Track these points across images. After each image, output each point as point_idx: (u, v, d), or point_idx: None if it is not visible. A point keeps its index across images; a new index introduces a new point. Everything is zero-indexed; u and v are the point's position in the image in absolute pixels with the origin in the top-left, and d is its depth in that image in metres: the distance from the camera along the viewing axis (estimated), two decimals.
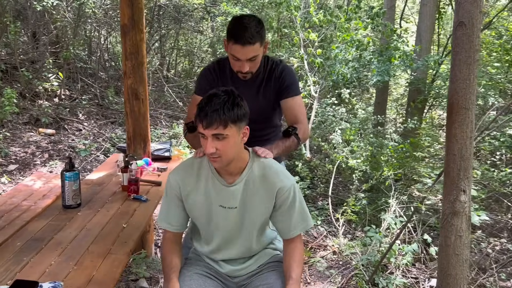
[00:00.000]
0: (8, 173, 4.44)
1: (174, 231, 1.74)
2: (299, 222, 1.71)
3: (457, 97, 2.25)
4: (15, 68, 6.14)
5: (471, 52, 2.20)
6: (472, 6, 2.17)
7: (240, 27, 1.83)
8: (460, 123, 2.26)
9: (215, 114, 1.44)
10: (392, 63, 4.98)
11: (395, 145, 4.68)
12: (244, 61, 1.87)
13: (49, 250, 1.83)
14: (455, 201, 2.30)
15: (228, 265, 1.79)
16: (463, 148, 2.28)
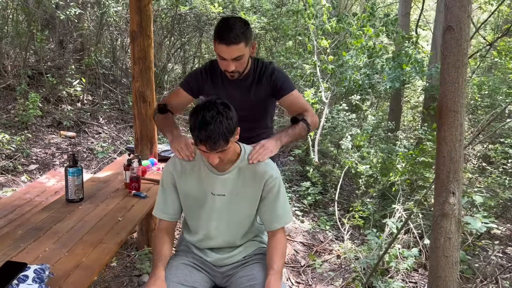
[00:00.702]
0: (28, 172, 4.68)
1: (168, 220, 1.85)
2: (282, 215, 1.81)
3: (446, 100, 2.28)
4: (41, 74, 6.46)
5: (460, 55, 2.23)
6: (460, 11, 2.21)
7: (225, 27, 1.89)
8: (449, 126, 2.28)
9: (217, 137, 1.51)
10: (403, 70, 4.97)
11: (405, 151, 4.67)
12: (230, 61, 1.94)
13: (46, 238, 1.96)
14: (445, 203, 2.32)
15: (214, 254, 1.87)
16: (452, 150, 2.30)
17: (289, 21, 6.63)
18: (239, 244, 1.89)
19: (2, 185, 4.36)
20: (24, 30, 6.41)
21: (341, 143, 5.00)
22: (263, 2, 8.82)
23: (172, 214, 1.85)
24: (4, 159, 4.73)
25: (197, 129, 1.52)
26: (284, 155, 6.55)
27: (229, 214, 1.80)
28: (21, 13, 6.63)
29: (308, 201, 5.27)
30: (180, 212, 1.89)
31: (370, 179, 4.89)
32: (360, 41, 4.99)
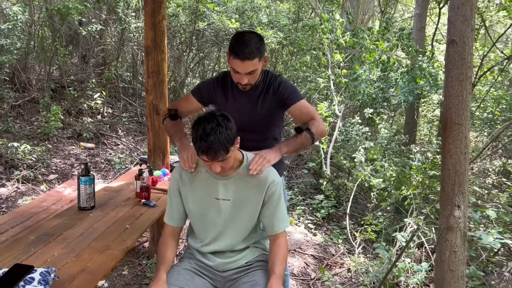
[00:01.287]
0: (48, 182, 4.83)
1: (173, 225, 1.95)
2: (283, 219, 1.89)
3: (450, 113, 2.29)
4: (63, 87, 6.69)
5: (463, 69, 2.24)
6: (463, 25, 2.23)
7: (241, 43, 1.94)
8: (453, 139, 2.29)
9: (217, 147, 1.59)
10: (417, 84, 4.96)
11: (419, 165, 4.63)
12: (243, 74, 2.01)
13: (55, 244, 2.04)
14: (450, 216, 2.31)
15: (217, 258, 1.93)
16: (457, 163, 2.30)
17: (304, 35, 6.71)
18: (241, 247, 1.94)
19: (22, 194, 4.52)
20: (49, 45, 6.68)
21: (354, 156, 4.99)
22: (280, 17, 8.95)
23: (176, 220, 1.94)
24: (26, 168, 4.90)
25: (198, 140, 1.60)
26: (298, 168, 6.56)
27: (233, 219, 1.87)
28: (46, 30, 6.91)
29: (321, 214, 5.26)
30: (185, 218, 1.97)
31: (383, 193, 4.86)
32: (373, 55, 5.01)
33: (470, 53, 2.25)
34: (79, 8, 5.86)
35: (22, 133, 5.63)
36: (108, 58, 7.67)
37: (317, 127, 2.04)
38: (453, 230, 2.30)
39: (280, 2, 9.46)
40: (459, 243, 2.31)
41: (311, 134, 2.01)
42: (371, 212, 4.67)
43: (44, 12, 6.44)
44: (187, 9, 7.86)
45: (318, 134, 2.05)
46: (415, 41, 6.01)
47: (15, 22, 5.70)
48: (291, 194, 5.66)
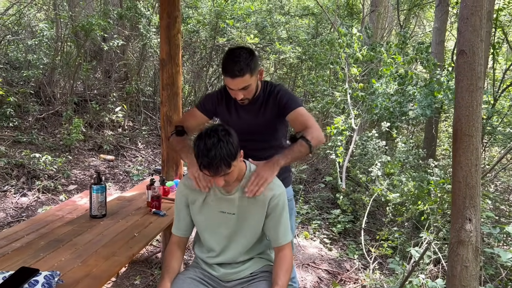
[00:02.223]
0: (67, 192, 4.95)
1: (179, 235, 1.97)
2: (287, 231, 1.89)
3: (460, 124, 2.26)
4: (86, 101, 6.89)
5: (473, 79, 2.22)
6: (472, 35, 2.21)
7: (230, 60, 1.95)
8: (464, 150, 2.25)
9: (219, 162, 1.60)
10: (435, 97, 4.89)
11: (437, 180, 4.54)
12: (237, 90, 2.02)
13: (64, 250, 2.08)
14: (461, 230, 2.25)
15: (222, 269, 1.95)
16: (468, 175, 2.25)
17: (322, 50, 6.74)
18: (245, 258, 1.94)
19: (42, 203, 4.63)
20: (73, 61, 6.91)
21: (370, 170, 4.93)
22: (299, 32, 9.02)
23: (182, 230, 1.97)
24: (47, 179, 5.04)
25: (200, 156, 1.62)
26: (315, 182, 6.52)
27: (238, 232, 1.89)
28: (71, 45, 7.16)
29: (337, 229, 5.19)
30: (191, 228, 1.99)
31: (401, 208, 4.77)
32: (389, 69, 4.98)
33: (480, 63, 2.22)
34: (102, 24, 6.05)
35: (45, 144, 5.80)
36: (130, 73, 7.86)
37: (312, 134, 1.99)
38: (465, 244, 2.24)
39: (299, 18, 9.54)
40: (471, 257, 2.24)
41: (307, 141, 1.95)
42: (386, 227, 4.59)
43: (69, 28, 6.68)
44: (207, 25, 8.01)
45: (314, 141, 1.98)
46: (434, 55, 5.94)
47: (41, 38, 5.92)
48: (307, 208, 5.62)
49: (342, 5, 9.52)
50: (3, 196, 4.61)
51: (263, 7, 9.40)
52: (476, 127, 2.24)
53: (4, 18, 7.29)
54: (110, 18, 6.71)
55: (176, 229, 1.98)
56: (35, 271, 1.67)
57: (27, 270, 1.68)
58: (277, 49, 8.08)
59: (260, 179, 1.81)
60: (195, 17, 7.94)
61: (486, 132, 5.85)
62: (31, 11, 7.86)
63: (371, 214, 5.48)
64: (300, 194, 5.96)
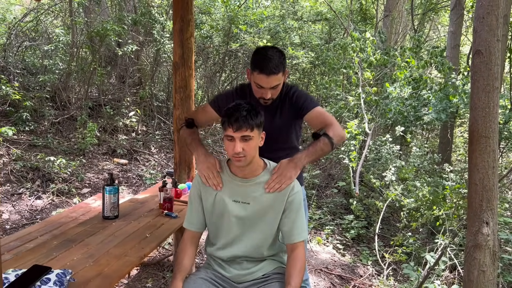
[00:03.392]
0: (81, 195, 4.99)
1: (192, 230, 1.95)
2: (302, 228, 1.86)
3: (476, 126, 2.21)
4: (100, 105, 6.97)
5: (490, 80, 2.18)
6: (488, 35, 2.17)
7: (264, 58, 1.95)
8: (480, 152, 2.20)
9: (244, 120, 1.68)
10: (450, 101, 4.83)
11: (452, 185, 4.46)
12: (268, 89, 2.02)
13: (76, 249, 2.09)
14: (477, 234, 2.20)
15: (234, 270, 1.93)
16: (485, 178, 2.20)
17: (335, 54, 6.72)
18: (258, 257, 1.92)
19: (56, 206, 4.68)
20: (88, 66, 7.01)
21: (384, 175, 4.87)
22: (312, 38, 9.01)
23: (195, 224, 1.94)
24: (61, 182, 5.09)
25: (228, 113, 1.71)
26: (328, 187, 6.47)
27: (252, 224, 1.87)
28: (87, 51, 7.26)
29: (351, 234, 5.13)
30: (204, 223, 1.97)
31: (415, 213, 4.70)
32: (403, 72, 4.93)
33: (497, 63, 2.18)
34: (117, 29, 6.13)
35: (60, 148, 5.87)
36: (144, 78, 7.94)
37: (334, 131, 1.98)
38: (482, 248, 2.19)
39: (312, 23, 9.54)
40: (488, 262, 2.19)
41: (330, 138, 1.94)
42: (400, 232, 4.52)
43: (85, 34, 6.78)
44: (220, 31, 8.06)
45: (336, 138, 1.97)
46: (449, 59, 5.87)
47: (57, 44, 6.02)
48: (320, 214, 5.57)
49: (356, 10, 9.49)
50: (18, 199, 4.67)
51: (276, 12, 9.43)
52: (493, 129, 2.19)
53: (22, 25, 7.43)
54: (124, 24, 6.79)
55: (188, 222, 1.96)
56: (48, 269, 1.67)
57: (39, 268, 1.69)
58: (290, 54, 8.08)
59: (283, 177, 1.82)
60: (208, 22, 7.99)
61: (503, 137, 5.74)
62: (47, 17, 8.01)
63: (385, 220, 5.41)
64: (313, 199, 5.91)
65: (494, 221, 2.21)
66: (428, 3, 8.25)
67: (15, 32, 7.15)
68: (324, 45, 8.67)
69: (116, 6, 8.01)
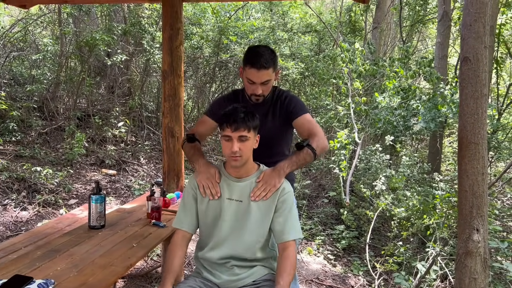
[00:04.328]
0: (68, 206, 4.91)
1: (183, 230, 1.95)
2: (294, 227, 1.89)
3: (465, 132, 2.22)
4: (89, 116, 6.90)
5: (478, 86, 2.18)
6: (476, 42, 2.18)
7: (256, 54, 2.04)
8: (470, 158, 2.20)
9: (242, 121, 1.77)
10: (439, 111, 4.86)
11: (442, 194, 4.47)
12: (258, 84, 2.08)
13: (60, 259, 2.03)
14: (468, 241, 2.19)
15: (224, 275, 1.90)
16: (474, 184, 2.20)
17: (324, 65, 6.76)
18: (249, 259, 1.91)
19: (42, 217, 4.59)
20: (77, 76, 6.95)
21: (374, 185, 4.87)
22: (302, 49, 9.07)
23: (187, 224, 1.95)
24: (47, 193, 5.00)
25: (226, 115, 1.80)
26: (319, 198, 6.44)
27: (244, 221, 1.89)
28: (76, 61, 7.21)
29: (341, 245, 5.09)
30: (196, 224, 1.97)
31: (406, 223, 4.69)
32: (392, 82, 4.96)
33: (485, 70, 2.19)
34: (106, 39, 6.10)
35: (47, 159, 5.78)
36: (133, 88, 7.90)
37: (317, 142, 2.03)
38: (472, 255, 2.17)
39: (302, 34, 9.61)
40: (479, 269, 2.17)
41: (313, 149, 2.00)
42: (391, 242, 4.50)
43: (74, 44, 6.74)
44: (210, 41, 8.07)
45: (319, 148, 2.03)
46: (437, 69, 5.93)
47: (45, 53, 5.96)
48: (311, 224, 5.54)
49: (345, 22, 9.59)
50: (3, 210, 4.57)
51: (266, 24, 9.48)
52: (481, 135, 2.19)
53: (10, 35, 7.37)
54: (114, 34, 6.77)
55: (179, 222, 1.96)
56: (29, 279, 1.62)
57: (20, 278, 1.63)
58: (280, 65, 8.11)
59: (268, 185, 1.87)
60: (198, 33, 8.00)
61: (491, 147, 5.80)
62: (36, 28, 7.96)
63: (375, 230, 5.39)
64: (304, 210, 5.88)
65: (485, 228, 2.20)
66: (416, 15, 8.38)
67: (2, 42, 7.09)
68: (314, 56, 8.72)
69: (106, 16, 7.99)
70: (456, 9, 6.81)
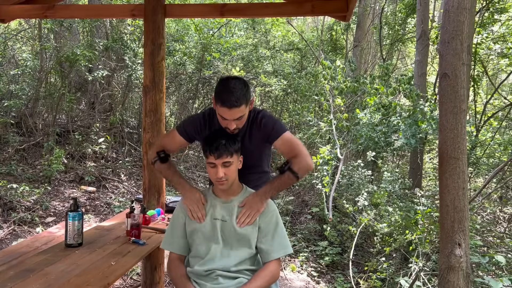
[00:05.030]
0: (44, 225, 4.76)
1: (177, 253, 2.04)
2: (281, 245, 1.95)
3: (445, 147, 2.24)
4: (69, 132, 6.78)
5: (457, 102, 2.22)
6: (454, 59, 2.23)
7: (226, 90, 1.91)
8: (450, 173, 2.23)
9: (224, 148, 1.84)
10: (419, 127, 4.93)
11: (424, 209, 4.50)
12: (231, 120, 1.97)
13: (34, 280, 1.95)
14: (450, 255, 2.20)
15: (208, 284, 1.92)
16: (455, 198, 2.22)
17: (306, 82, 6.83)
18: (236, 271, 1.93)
19: (18, 236, 4.44)
20: (57, 91, 6.85)
21: (357, 200, 4.88)
22: (285, 66, 9.16)
23: (178, 248, 2.03)
24: (24, 211, 4.85)
25: (208, 143, 1.87)
26: (302, 214, 6.42)
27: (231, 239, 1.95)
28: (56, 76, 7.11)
29: (325, 261, 5.06)
30: (187, 247, 2.03)
31: (389, 239, 4.70)
32: (373, 99, 5.03)
33: (463, 86, 2.24)
34: (87, 55, 6.04)
35: (24, 176, 5.63)
36: (114, 104, 7.81)
37: (300, 164, 2.00)
38: (455, 269, 2.17)
39: (285, 52, 9.72)
40: (462, 284, 2.18)
41: (294, 173, 1.99)
42: (375, 257, 4.49)
43: (54, 59, 6.66)
44: (193, 58, 8.08)
45: (302, 171, 2.02)
46: (416, 86, 6.04)
47: (24, 68, 5.87)
48: (294, 241, 5.50)
49: (326, 40, 9.75)
50: None
51: (248, 41, 9.56)
52: (461, 150, 2.22)
53: None
54: (96, 49, 6.71)
55: (171, 246, 2.03)
56: None
57: None
58: (263, 82, 8.16)
59: (252, 211, 1.93)
60: (181, 50, 8.01)
61: (470, 162, 5.89)
62: (16, 43, 7.85)
63: (359, 246, 5.38)
64: (287, 226, 5.84)
65: (466, 243, 2.21)
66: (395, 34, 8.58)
67: None
68: (296, 73, 8.81)
69: (87, 32, 7.94)
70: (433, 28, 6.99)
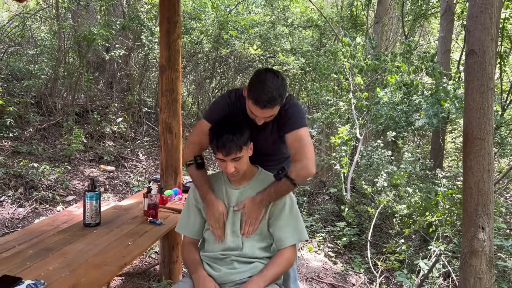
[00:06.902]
0: (65, 203, 4.84)
1: (191, 237, 2.03)
2: (295, 230, 1.93)
3: (471, 128, 2.14)
4: (87, 111, 6.83)
5: (484, 80, 2.11)
6: (482, 34, 2.11)
7: (261, 89, 1.79)
8: (475, 155, 2.13)
9: (232, 144, 1.75)
10: (442, 106, 4.78)
11: (445, 190, 4.40)
12: (261, 117, 1.89)
13: (53, 259, 1.97)
14: (473, 239, 2.12)
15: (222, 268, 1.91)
16: (480, 181, 2.13)
17: (325, 60, 6.68)
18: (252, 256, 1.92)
19: (39, 214, 4.53)
20: (75, 71, 6.88)
21: (376, 181, 4.80)
22: (303, 44, 8.98)
23: (193, 232, 2.02)
24: (45, 189, 4.94)
25: (214, 139, 1.78)
26: (319, 194, 6.38)
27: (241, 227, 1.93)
28: (74, 56, 7.13)
29: (342, 242, 5.03)
30: (201, 231, 2.03)
31: (408, 220, 4.63)
32: (394, 77, 4.89)
33: (491, 63, 2.12)
34: (104, 34, 6.02)
35: (45, 155, 5.72)
36: (132, 83, 7.82)
37: (299, 170, 1.87)
38: (478, 254, 2.10)
39: (303, 29, 9.51)
40: (485, 269, 2.11)
41: (291, 180, 1.88)
42: (393, 239, 4.43)
43: (71, 39, 6.66)
44: (210, 36, 7.98)
45: (300, 178, 1.89)
46: (440, 64, 5.84)
47: (43, 48, 5.88)
48: (312, 221, 5.47)
49: (346, 17, 9.49)
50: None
51: (266, 19, 9.38)
52: (488, 130, 2.12)
53: (8, 30, 7.29)
54: (112, 29, 6.68)
55: (186, 230, 2.02)
56: (17, 280, 1.56)
57: (8, 279, 1.57)
58: (281, 60, 8.03)
59: (252, 219, 1.91)
60: (198, 28, 7.91)
61: (495, 143, 5.71)
62: (34, 23, 7.88)
63: (377, 227, 5.32)
64: (304, 206, 5.82)
65: (490, 227, 2.13)
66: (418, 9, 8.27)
67: (0, 37, 7.01)
68: (315, 51, 8.64)
69: (104, 11, 7.91)
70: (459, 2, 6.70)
